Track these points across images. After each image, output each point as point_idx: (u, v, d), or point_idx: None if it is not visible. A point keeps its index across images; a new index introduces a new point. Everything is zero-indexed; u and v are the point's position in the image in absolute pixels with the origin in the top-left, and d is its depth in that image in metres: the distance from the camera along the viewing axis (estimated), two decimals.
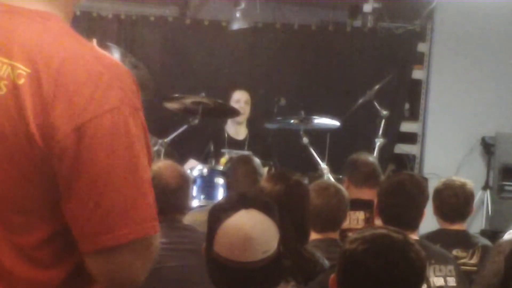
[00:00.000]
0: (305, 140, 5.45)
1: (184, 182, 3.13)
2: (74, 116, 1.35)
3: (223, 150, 5.37)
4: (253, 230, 2.06)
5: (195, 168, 4.96)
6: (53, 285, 1.43)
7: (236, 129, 5.98)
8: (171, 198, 3.04)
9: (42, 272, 1.42)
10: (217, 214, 2.12)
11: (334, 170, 5.32)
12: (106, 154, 1.36)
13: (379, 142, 5.84)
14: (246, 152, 5.35)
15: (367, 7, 7.00)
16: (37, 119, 1.36)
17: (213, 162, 5.27)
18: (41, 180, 1.39)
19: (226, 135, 5.95)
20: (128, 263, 1.40)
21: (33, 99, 1.36)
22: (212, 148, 5.63)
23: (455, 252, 3.78)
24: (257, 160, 4.23)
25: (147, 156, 1.45)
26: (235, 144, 5.82)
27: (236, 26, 6.67)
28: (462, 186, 4.02)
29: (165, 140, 5.23)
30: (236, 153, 5.24)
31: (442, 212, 4.02)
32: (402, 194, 3.24)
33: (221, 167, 5.03)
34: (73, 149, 1.35)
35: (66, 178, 1.37)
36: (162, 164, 3.17)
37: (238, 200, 2.14)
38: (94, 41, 1.52)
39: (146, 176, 1.42)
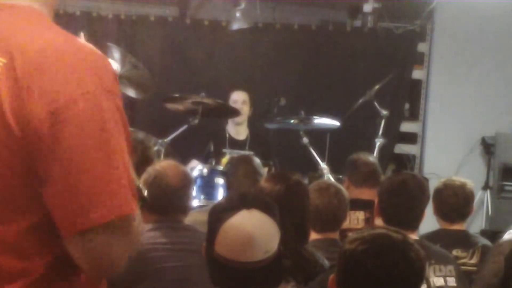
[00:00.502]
0: (305, 140, 5.45)
1: (186, 183, 3.12)
2: (48, 101, 1.38)
3: (224, 150, 5.37)
4: (255, 230, 2.05)
5: (195, 168, 4.96)
6: (35, 274, 1.45)
7: (237, 130, 5.98)
8: (173, 198, 3.04)
9: (25, 261, 1.44)
10: (218, 214, 2.12)
11: (334, 170, 5.32)
12: (80, 137, 1.38)
13: (379, 142, 5.84)
14: (247, 152, 5.35)
15: (367, 7, 7.00)
16: (13, 108, 1.38)
17: (213, 162, 5.27)
18: (22, 169, 1.41)
19: (227, 135, 5.95)
20: (106, 245, 1.41)
21: (8, 89, 1.39)
22: (212, 148, 5.63)
23: (455, 252, 3.78)
24: (257, 160, 4.23)
25: (125, 139, 1.47)
26: (236, 144, 5.82)
27: (236, 26, 6.67)
28: (462, 186, 4.02)
29: (165, 140, 5.23)
30: (237, 153, 5.24)
31: (442, 212, 4.03)
32: (404, 193, 3.24)
33: (221, 167, 5.03)
34: (49, 133, 1.38)
35: (44, 163, 1.39)
36: (165, 164, 3.16)
37: (239, 200, 2.14)
38: (82, 35, 1.54)
39: (121, 158, 1.44)
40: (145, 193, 1.65)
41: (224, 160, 5.17)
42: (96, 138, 1.39)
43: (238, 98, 5.92)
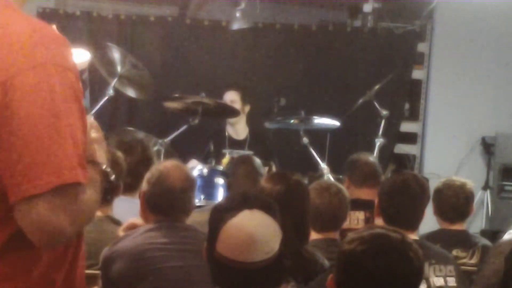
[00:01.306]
0: (305, 140, 5.46)
1: (189, 184, 3.11)
2: (0, 73, 1.44)
3: (224, 151, 5.37)
4: (257, 231, 2.05)
5: (195, 168, 4.96)
6: None
7: (234, 129, 5.98)
8: (175, 199, 3.03)
9: None
10: (220, 214, 2.12)
11: (334, 170, 5.32)
12: (29, 107, 1.43)
13: (379, 142, 5.84)
14: (247, 152, 5.35)
15: (367, 7, 7.00)
16: None
17: (213, 162, 5.27)
18: None
19: (226, 135, 5.94)
20: (50, 212, 1.44)
21: None
22: (212, 148, 5.63)
23: (455, 252, 3.78)
24: (257, 160, 4.23)
25: (78, 114, 1.50)
26: (235, 144, 5.82)
27: (236, 26, 6.67)
28: (462, 186, 4.02)
29: (165, 140, 5.24)
30: (237, 153, 5.24)
31: (442, 212, 4.03)
32: (406, 193, 3.24)
33: (221, 167, 5.03)
34: (0, 104, 1.43)
35: None
36: (169, 164, 3.16)
37: (240, 200, 2.14)
38: (54, 27, 1.60)
39: (70, 130, 1.47)
40: (112, 177, 1.68)
41: (225, 160, 5.17)
42: (44, 109, 1.44)
43: (227, 99, 5.91)
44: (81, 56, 4.79)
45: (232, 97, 5.93)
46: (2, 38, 1.47)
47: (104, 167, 1.65)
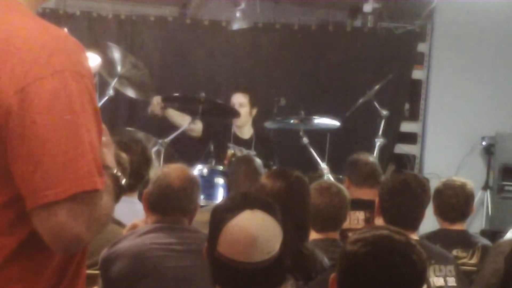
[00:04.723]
0: (305, 140, 5.46)
1: (188, 184, 3.10)
2: (17, 80, 1.43)
3: (229, 144, 5.35)
4: (258, 231, 2.05)
5: (195, 168, 4.96)
6: (7, 252, 1.49)
7: (240, 131, 5.94)
8: (173, 198, 3.03)
9: None
10: (221, 214, 2.12)
11: (334, 170, 5.33)
12: (46, 114, 1.43)
13: (379, 142, 5.84)
14: (251, 152, 5.34)
15: (367, 7, 6.99)
16: None
17: (213, 162, 5.27)
18: None
19: (232, 133, 5.90)
20: (69, 219, 1.44)
21: None
22: (212, 148, 5.63)
23: (455, 252, 3.79)
24: (258, 160, 4.23)
25: (94, 121, 1.50)
26: (241, 142, 5.78)
27: (236, 26, 6.67)
28: (462, 186, 4.02)
29: (165, 140, 5.24)
30: (241, 149, 5.23)
31: (442, 212, 4.03)
32: (407, 193, 3.24)
33: (221, 167, 5.03)
34: (17, 110, 1.43)
35: (12, 139, 1.44)
36: (172, 166, 3.17)
37: (242, 200, 2.14)
38: (65, 30, 1.60)
39: (87, 136, 1.47)
40: (123, 181, 1.68)
41: (229, 152, 5.13)
42: (62, 116, 1.44)
43: (235, 101, 5.86)
44: (92, 60, 4.80)
45: (240, 100, 5.86)
46: (17, 44, 1.46)
47: (114, 171, 1.65)
